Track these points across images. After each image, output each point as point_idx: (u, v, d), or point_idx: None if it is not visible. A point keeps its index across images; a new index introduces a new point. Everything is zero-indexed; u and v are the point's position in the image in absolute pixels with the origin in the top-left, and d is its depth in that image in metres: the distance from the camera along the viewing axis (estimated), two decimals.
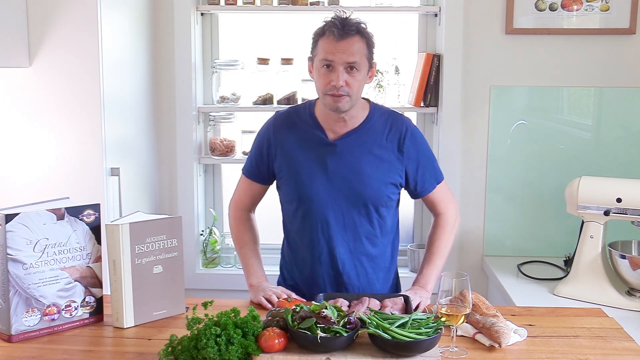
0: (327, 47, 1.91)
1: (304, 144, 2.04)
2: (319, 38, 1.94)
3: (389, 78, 2.97)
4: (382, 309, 1.80)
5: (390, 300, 1.84)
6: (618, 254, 2.35)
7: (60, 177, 2.39)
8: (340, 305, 1.81)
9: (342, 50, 1.89)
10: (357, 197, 2.01)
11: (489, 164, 2.95)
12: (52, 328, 1.72)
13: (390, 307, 1.81)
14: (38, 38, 2.34)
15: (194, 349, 1.49)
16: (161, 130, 3.00)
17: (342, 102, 1.92)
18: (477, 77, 2.89)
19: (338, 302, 1.83)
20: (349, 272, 2.05)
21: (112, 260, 1.73)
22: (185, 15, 2.88)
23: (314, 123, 2.05)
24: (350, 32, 1.90)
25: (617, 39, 2.84)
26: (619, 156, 2.90)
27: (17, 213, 1.64)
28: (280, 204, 2.16)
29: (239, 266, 3.08)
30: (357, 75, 1.92)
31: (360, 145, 2.02)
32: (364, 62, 1.93)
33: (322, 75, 1.93)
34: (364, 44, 1.93)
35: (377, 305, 1.82)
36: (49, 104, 2.38)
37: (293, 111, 2.12)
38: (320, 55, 1.92)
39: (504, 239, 2.99)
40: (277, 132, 2.08)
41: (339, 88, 1.89)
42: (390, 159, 2.03)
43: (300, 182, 2.03)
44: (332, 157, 2.01)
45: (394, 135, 2.04)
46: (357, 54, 1.90)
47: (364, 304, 1.82)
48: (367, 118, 2.05)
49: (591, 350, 1.63)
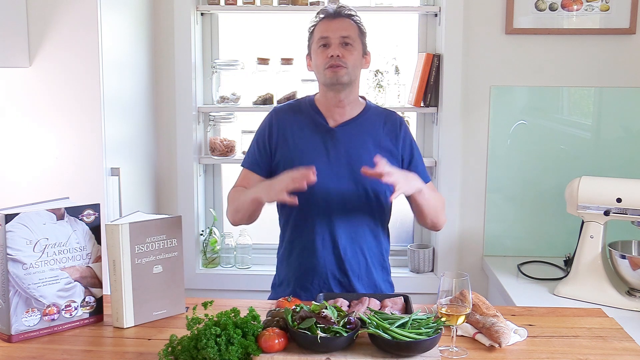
0: (322, 27, 2.05)
1: (305, 130, 2.10)
2: (314, 28, 2.08)
3: (389, 78, 2.97)
4: (382, 308, 1.80)
5: (390, 300, 1.85)
6: (618, 254, 2.35)
7: (60, 177, 2.39)
8: (340, 305, 1.81)
9: (335, 28, 2.03)
10: (358, 182, 2.04)
11: (489, 164, 2.95)
12: (52, 328, 1.72)
13: (390, 307, 1.81)
14: (38, 38, 2.34)
15: (194, 349, 1.49)
16: (161, 130, 3.00)
17: (341, 72, 2.02)
18: (477, 77, 2.89)
19: (338, 302, 1.84)
20: (350, 258, 2.07)
21: (112, 260, 1.73)
22: (185, 15, 2.88)
23: (314, 110, 2.12)
24: (343, 14, 2.06)
25: (617, 39, 2.84)
26: (619, 156, 2.90)
27: (17, 213, 1.64)
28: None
29: (239, 266, 3.09)
30: (352, 50, 2.04)
31: (360, 133, 2.09)
32: (357, 41, 2.06)
33: (320, 53, 2.05)
34: (356, 26, 2.07)
35: (377, 305, 1.83)
36: (49, 104, 2.38)
37: (294, 103, 2.21)
38: (317, 37, 2.05)
39: (504, 239, 2.99)
40: (279, 120, 2.13)
41: (336, 57, 2.00)
42: (389, 147, 2.10)
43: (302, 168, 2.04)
44: (332, 143, 2.07)
45: (391, 128, 2.13)
46: (350, 30, 2.04)
47: (364, 303, 1.82)
48: (364, 111, 2.14)
49: (591, 351, 1.62)
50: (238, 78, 2.98)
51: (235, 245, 3.09)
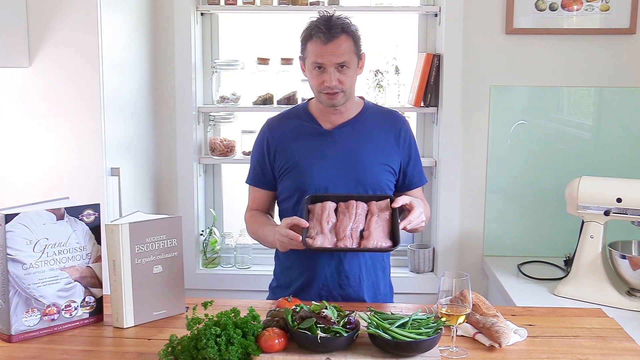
0: (315, 51, 1.96)
1: (300, 138, 2.08)
2: (307, 41, 2.00)
3: (389, 78, 2.97)
4: (369, 214, 1.91)
5: (376, 204, 1.94)
6: (618, 254, 2.35)
7: (60, 177, 2.39)
8: (328, 212, 1.91)
9: (331, 53, 1.95)
10: (358, 184, 2.04)
11: (489, 164, 2.95)
12: (52, 328, 1.72)
13: (377, 214, 1.90)
14: (38, 38, 2.34)
15: (194, 349, 1.49)
16: (161, 130, 3.00)
17: (337, 98, 2.00)
18: (477, 77, 2.89)
19: (326, 206, 1.92)
20: (350, 261, 2.06)
21: (112, 260, 1.73)
22: (185, 15, 2.88)
23: (308, 117, 2.11)
24: (336, 34, 1.95)
25: (617, 39, 2.84)
26: (619, 156, 2.89)
27: (17, 213, 1.64)
28: (278, 205, 2.16)
29: (239, 266, 3.09)
30: (347, 72, 1.99)
31: (357, 133, 2.07)
32: (353, 59, 2.00)
33: (315, 76, 1.99)
34: (351, 41, 1.99)
35: (364, 208, 1.93)
36: (49, 104, 2.37)
37: (286, 112, 2.19)
38: (311, 59, 1.99)
39: (504, 239, 2.99)
40: (272, 132, 2.11)
41: (333, 87, 1.96)
42: (388, 147, 2.09)
43: (301, 172, 2.05)
44: (329, 145, 2.06)
45: (390, 127, 2.12)
46: (345, 53, 1.96)
47: (350, 209, 1.91)
48: (362, 111, 2.12)
49: (591, 351, 1.63)
50: (238, 78, 2.98)
51: (235, 245, 3.09)
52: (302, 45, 2.03)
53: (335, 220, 1.92)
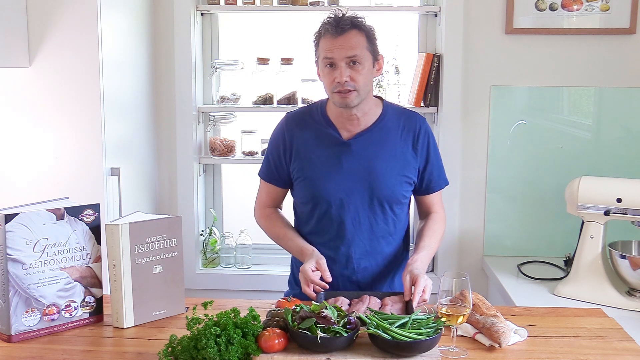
0: (326, 46, 1.92)
1: (318, 144, 2.03)
2: (319, 39, 1.97)
3: (389, 78, 2.97)
4: (383, 307, 1.80)
5: (390, 299, 1.85)
6: (618, 254, 2.35)
7: (60, 177, 2.39)
8: (341, 304, 1.81)
9: (340, 46, 1.90)
10: (373, 196, 2.01)
11: (489, 164, 2.95)
12: (52, 328, 1.72)
13: (391, 305, 1.81)
14: (38, 38, 2.34)
15: (193, 349, 1.49)
16: (161, 130, 3.00)
17: (350, 97, 1.93)
18: (477, 77, 2.89)
19: (338, 300, 1.83)
20: (364, 271, 2.05)
21: (111, 260, 1.73)
22: (185, 15, 2.88)
23: (326, 122, 2.05)
24: (346, 27, 1.91)
25: (617, 39, 2.84)
26: (619, 156, 2.89)
27: (17, 213, 1.64)
28: (294, 205, 2.15)
29: (239, 266, 3.09)
30: (360, 69, 1.92)
31: (375, 143, 2.02)
32: (366, 55, 1.93)
33: (327, 74, 1.95)
34: (363, 37, 1.94)
35: (378, 303, 1.83)
36: (49, 104, 2.37)
37: (305, 111, 2.12)
38: (322, 55, 1.95)
39: (504, 239, 2.99)
40: (290, 133, 2.07)
41: (344, 83, 1.90)
42: (405, 156, 2.04)
43: (316, 183, 2.02)
44: (346, 157, 2.01)
45: (408, 133, 2.06)
46: (357, 47, 1.91)
47: (364, 302, 1.82)
48: (381, 116, 2.06)
49: (591, 351, 1.63)
50: (238, 78, 2.98)
51: (235, 245, 3.09)
52: (315, 45, 1.99)
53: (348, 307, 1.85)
